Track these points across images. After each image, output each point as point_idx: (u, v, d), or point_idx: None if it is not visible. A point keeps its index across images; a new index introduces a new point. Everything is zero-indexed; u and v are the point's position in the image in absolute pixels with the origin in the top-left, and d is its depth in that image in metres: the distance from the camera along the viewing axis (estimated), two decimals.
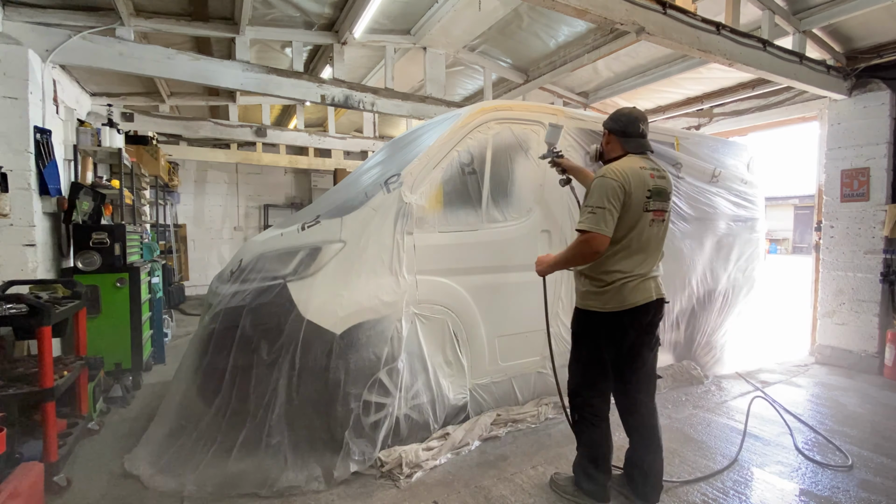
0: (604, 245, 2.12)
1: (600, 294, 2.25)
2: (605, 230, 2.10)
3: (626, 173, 2.17)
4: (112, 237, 3.93)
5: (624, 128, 2.33)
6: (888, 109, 4.54)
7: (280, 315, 2.59)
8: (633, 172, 2.19)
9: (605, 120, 2.44)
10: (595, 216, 2.11)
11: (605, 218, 2.10)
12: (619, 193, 2.12)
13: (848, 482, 2.64)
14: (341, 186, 3.92)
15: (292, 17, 4.68)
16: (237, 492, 2.43)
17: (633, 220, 2.19)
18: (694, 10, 3.55)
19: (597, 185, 2.17)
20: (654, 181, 2.24)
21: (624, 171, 2.18)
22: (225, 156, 8.63)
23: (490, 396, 3.32)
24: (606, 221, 2.10)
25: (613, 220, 2.12)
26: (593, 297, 2.28)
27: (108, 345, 3.81)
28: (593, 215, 2.11)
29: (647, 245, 2.26)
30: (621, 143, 2.33)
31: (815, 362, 5.01)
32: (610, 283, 2.22)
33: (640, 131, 2.33)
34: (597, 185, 2.18)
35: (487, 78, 6.00)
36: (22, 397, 2.42)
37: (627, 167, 2.20)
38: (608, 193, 2.12)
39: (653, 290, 2.28)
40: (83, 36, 3.65)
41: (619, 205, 2.13)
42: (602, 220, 2.10)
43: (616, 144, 2.36)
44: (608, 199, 2.11)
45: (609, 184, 2.14)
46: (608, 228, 2.11)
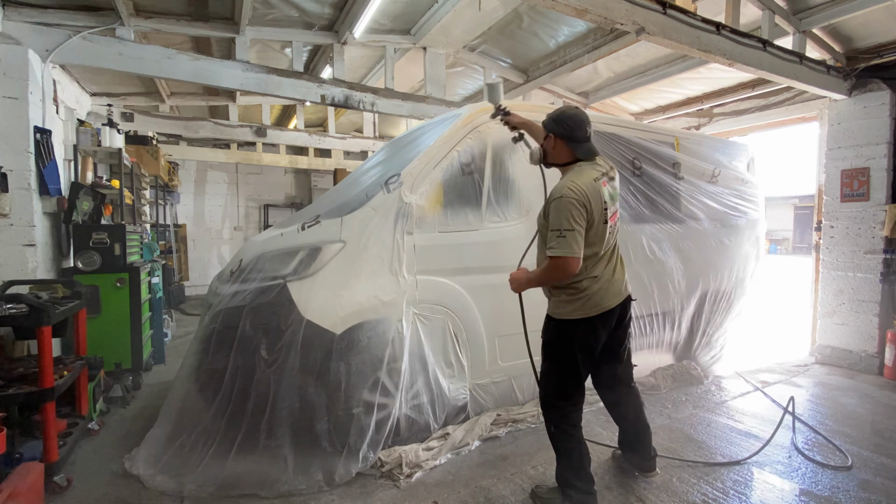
0: (577, 266, 2.10)
1: (574, 301, 2.23)
2: (576, 252, 2.08)
3: (585, 191, 2.11)
4: (112, 237, 3.93)
5: (571, 133, 2.24)
6: (888, 109, 4.54)
7: (280, 315, 2.59)
8: (590, 187, 2.13)
9: (547, 121, 2.33)
10: (565, 240, 2.07)
11: (576, 239, 2.07)
12: (583, 212, 2.10)
13: (848, 482, 2.63)
14: (341, 186, 3.92)
15: (292, 17, 4.68)
16: (237, 492, 2.43)
17: (598, 233, 2.19)
18: (694, 10, 3.55)
19: (560, 207, 2.10)
20: (607, 189, 2.21)
21: (582, 188, 2.12)
22: (225, 156, 8.63)
23: (490, 396, 3.32)
24: (577, 242, 2.08)
25: (582, 238, 2.10)
26: (566, 304, 2.25)
27: (108, 345, 3.81)
28: (563, 239, 2.07)
29: (610, 249, 2.30)
30: (571, 148, 2.26)
31: (815, 362, 5.01)
32: (583, 290, 2.21)
33: (588, 135, 2.26)
34: (559, 206, 2.11)
35: (487, 78, 6.00)
36: (22, 397, 2.42)
37: (584, 183, 2.14)
38: (573, 214, 2.07)
39: (622, 291, 2.33)
40: (83, 36, 3.65)
41: (584, 222, 2.11)
42: (573, 241, 2.07)
43: (564, 150, 2.28)
44: (574, 220, 2.07)
45: (571, 205, 2.08)
46: (579, 249, 2.09)
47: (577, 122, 2.24)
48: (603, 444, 2.96)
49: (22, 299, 2.53)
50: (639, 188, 3.97)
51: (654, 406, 3.66)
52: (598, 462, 2.80)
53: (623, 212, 3.89)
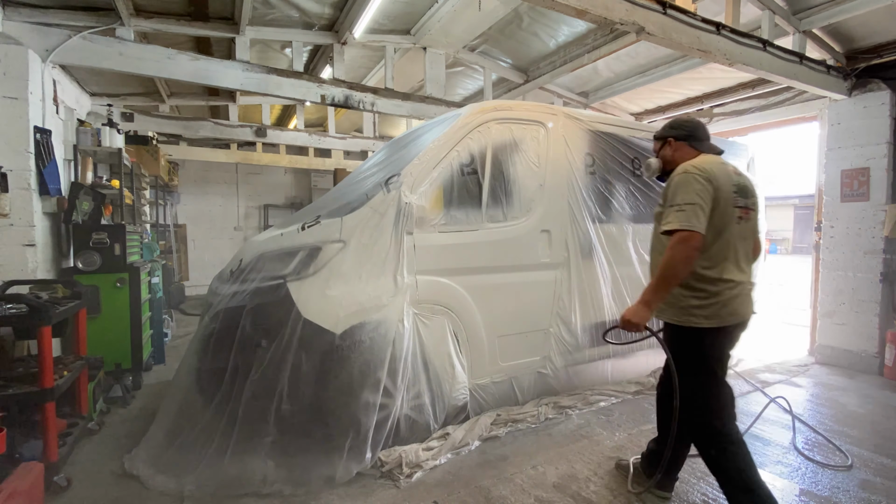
0: (700, 243, 1.92)
1: (706, 307, 2.01)
2: (697, 226, 1.91)
3: (711, 167, 2.01)
4: (112, 237, 3.93)
5: (692, 132, 2.24)
6: (888, 109, 4.54)
7: (280, 315, 2.59)
8: (717, 167, 2.04)
9: (662, 131, 2.32)
10: (685, 213, 1.92)
11: (697, 213, 1.92)
12: (708, 187, 1.95)
13: (848, 482, 2.63)
14: (341, 186, 3.92)
15: (292, 17, 4.68)
16: (237, 492, 2.43)
17: (726, 219, 2.02)
18: (694, 10, 3.55)
19: (681, 182, 2.00)
20: (737, 177, 2.09)
21: (706, 166, 2.02)
22: (225, 156, 8.63)
23: (490, 396, 3.32)
24: (698, 217, 1.92)
25: (705, 216, 1.94)
26: (696, 310, 2.02)
27: (108, 345, 3.81)
28: (682, 212, 1.92)
29: (740, 245, 2.09)
30: (694, 146, 2.22)
31: (815, 362, 5.01)
32: (715, 294, 2.01)
33: (708, 135, 2.26)
34: (680, 181, 2.00)
35: (487, 78, 6.00)
36: (22, 397, 2.42)
37: (709, 161, 2.06)
38: (696, 189, 1.94)
39: (752, 304, 2.13)
40: (83, 36, 3.65)
41: (710, 200, 1.96)
42: (693, 215, 1.91)
43: (686, 150, 2.23)
44: (697, 194, 1.93)
45: (695, 178, 1.97)
46: (700, 225, 1.92)
47: (695, 124, 2.25)
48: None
49: (22, 299, 2.53)
50: (639, 188, 3.97)
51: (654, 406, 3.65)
52: (597, 463, 2.80)
53: (624, 212, 3.90)
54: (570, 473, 2.68)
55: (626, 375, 4.04)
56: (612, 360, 3.94)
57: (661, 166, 2.32)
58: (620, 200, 3.88)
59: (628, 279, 3.84)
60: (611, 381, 3.94)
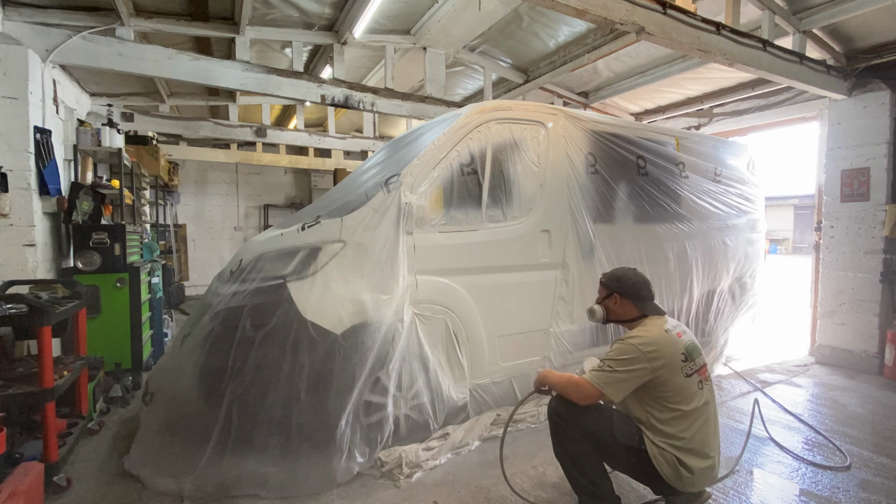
0: (594, 400, 2.05)
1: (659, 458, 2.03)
2: (605, 391, 2.00)
3: (655, 341, 2.04)
4: (112, 237, 3.93)
5: (637, 291, 2.25)
6: (888, 109, 4.54)
7: (280, 315, 2.59)
8: (662, 339, 2.06)
9: (609, 281, 2.34)
10: (604, 374, 2.02)
11: (618, 387, 2.00)
12: (643, 369, 1.99)
13: (848, 482, 2.63)
14: (341, 186, 3.92)
15: (292, 17, 4.68)
16: (237, 492, 2.43)
17: (680, 389, 2.03)
18: (694, 10, 3.55)
19: (622, 347, 2.06)
20: (682, 341, 2.12)
21: (653, 339, 2.05)
22: (225, 156, 8.63)
23: (490, 396, 3.31)
24: (614, 387, 2.00)
25: (623, 388, 2.01)
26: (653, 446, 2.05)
27: (108, 345, 3.82)
28: (604, 373, 2.02)
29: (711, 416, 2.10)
30: (637, 306, 2.24)
31: (815, 362, 5.01)
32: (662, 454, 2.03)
33: (652, 293, 2.28)
34: (622, 346, 2.07)
35: (487, 78, 6.00)
36: (22, 397, 2.42)
37: (656, 334, 2.08)
38: (629, 362, 2.00)
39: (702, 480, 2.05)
40: (83, 36, 3.65)
41: (638, 379, 2.01)
42: (612, 382, 2.00)
43: (629, 308, 2.26)
44: (626, 367, 2.00)
45: (632, 352, 2.01)
46: (611, 393, 2.00)
47: (639, 281, 2.27)
48: None
49: (22, 299, 2.53)
50: (640, 188, 3.97)
51: None
52: None
53: (624, 212, 3.90)
54: None
55: None
56: None
57: (605, 314, 2.34)
58: (621, 201, 3.88)
59: None
60: None
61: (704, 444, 2.05)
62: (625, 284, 2.28)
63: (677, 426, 2.01)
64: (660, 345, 2.04)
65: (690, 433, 2.02)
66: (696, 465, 2.00)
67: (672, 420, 2.02)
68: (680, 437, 2.01)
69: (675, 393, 2.02)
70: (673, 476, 2.00)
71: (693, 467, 1.99)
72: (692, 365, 2.08)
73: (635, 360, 2.01)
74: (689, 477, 2.00)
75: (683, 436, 2.01)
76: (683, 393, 2.03)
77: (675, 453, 1.99)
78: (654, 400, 2.05)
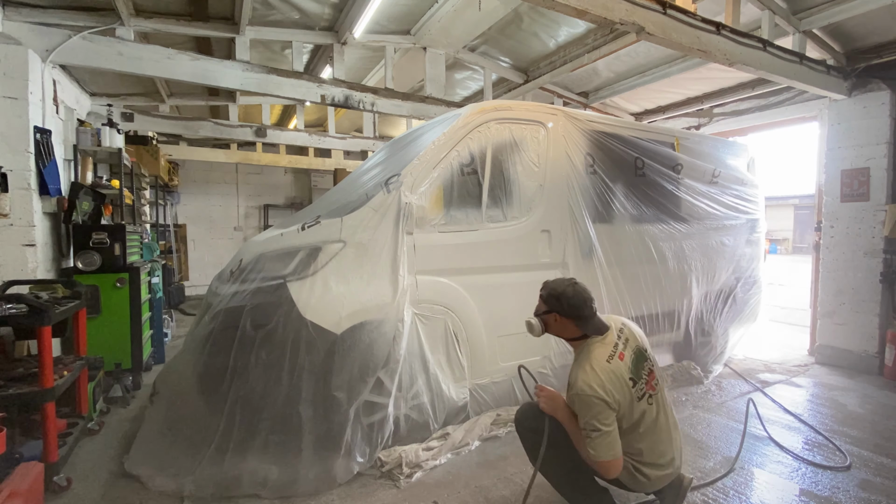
0: (620, 465, 1.96)
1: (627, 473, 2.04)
2: (617, 453, 1.94)
3: (603, 382, 1.94)
4: (112, 237, 3.93)
5: (578, 311, 2.09)
6: (888, 109, 4.54)
7: (280, 315, 2.59)
8: (607, 374, 1.96)
9: (547, 297, 2.18)
10: (600, 443, 1.92)
11: (609, 440, 1.93)
12: (609, 412, 1.94)
13: (848, 482, 2.63)
14: (341, 186, 3.92)
15: (292, 17, 4.68)
16: (237, 492, 2.43)
17: (634, 415, 2.01)
18: (694, 10, 3.55)
19: (583, 404, 1.95)
20: (625, 363, 2.03)
21: (600, 380, 1.95)
22: (225, 156, 8.63)
23: (490, 396, 3.31)
24: (612, 443, 1.93)
25: (617, 436, 1.96)
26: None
27: (108, 345, 3.81)
28: (598, 441, 1.93)
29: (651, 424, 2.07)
30: (578, 325, 2.12)
31: (815, 362, 5.01)
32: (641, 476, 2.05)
33: (594, 311, 2.12)
34: (582, 402, 1.96)
35: (487, 78, 6.00)
36: (22, 397, 2.42)
37: (599, 371, 1.96)
38: (599, 415, 1.93)
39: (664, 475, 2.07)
40: (83, 36, 3.65)
41: (614, 420, 1.95)
42: (611, 443, 1.93)
43: (571, 327, 2.13)
44: (602, 423, 1.92)
45: (594, 404, 1.93)
46: (619, 448, 1.95)
47: (581, 300, 2.10)
48: None
49: (22, 299, 2.53)
50: (640, 188, 3.97)
51: None
52: None
53: (624, 212, 3.90)
54: None
55: None
56: None
57: (543, 328, 2.22)
58: (621, 200, 3.88)
59: (628, 279, 3.84)
60: None
61: (660, 454, 2.07)
62: (564, 303, 2.11)
63: (631, 445, 2.02)
64: (606, 384, 1.95)
65: (645, 446, 2.04)
66: (653, 473, 2.05)
67: (626, 441, 2.00)
68: (635, 453, 2.03)
69: (628, 417, 2.00)
70: (630, 482, 2.06)
71: (649, 475, 2.05)
72: (640, 384, 2.04)
73: (607, 409, 1.93)
74: (646, 482, 2.05)
75: (638, 450, 2.03)
76: (636, 415, 2.01)
77: (631, 464, 2.03)
78: None
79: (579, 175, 3.65)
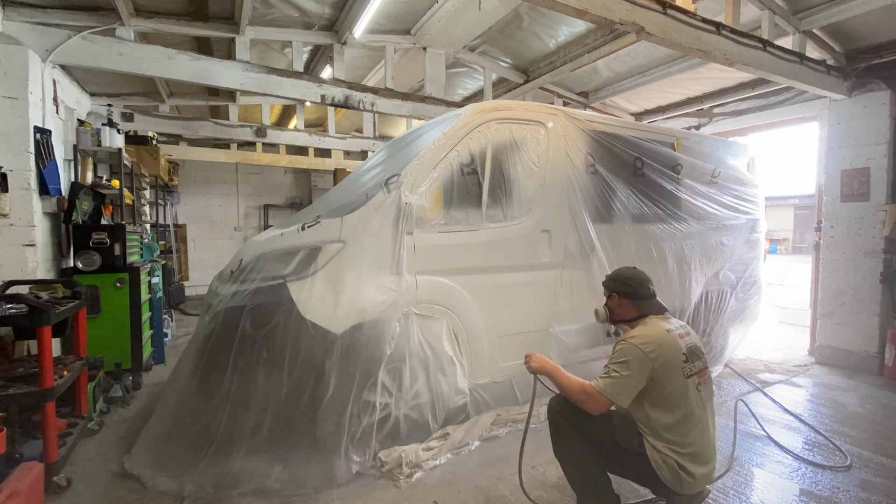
0: (601, 409, 2.01)
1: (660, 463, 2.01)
2: (615, 399, 1.98)
3: (656, 340, 2.03)
4: (112, 237, 3.93)
5: (635, 291, 2.24)
6: (888, 109, 4.54)
7: (280, 315, 2.59)
8: (663, 338, 2.05)
9: (608, 281, 2.35)
10: (612, 381, 1.99)
11: (622, 387, 1.98)
12: (644, 368, 1.98)
13: (848, 482, 2.63)
14: (341, 187, 3.92)
15: (292, 17, 4.68)
16: (237, 492, 2.43)
17: (678, 391, 2.01)
18: (694, 10, 3.55)
19: (623, 349, 2.05)
20: (684, 341, 2.10)
21: (652, 339, 2.03)
22: (225, 156, 8.63)
23: (490, 396, 3.31)
24: (623, 394, 1.98)
25: (631, 391, 1.99)
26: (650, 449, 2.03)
27: (108, 345, 3.82)
28: (611, 379, 2.00)
29: (707, 419, 2.08)
30: (635, 305, 2.23)
31: (815, 362, 5.01)
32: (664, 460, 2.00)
33: (652, 292, 2.26)
34: (623, 347, 2.05)
35: (487, 78, 6.00)
36: (22, 397, 2.42)
37: (655, 333, 2.07)
38: (631, 364, 1.98)
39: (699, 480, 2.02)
40: (83, 36, 3.65)
41: (642, 379, 1.99)
42: (621, 390, 1.98)
43: (629, 308, 2.25)
44: (629, 370, 1.98)
45: (634, 353, 2.00)
46: (621, 399, 1.99)
47: (638, 281, 2.26)
48: None
49: (22, 299, 2.53)
50: (639, 188, 3.97)
51: None
52: None
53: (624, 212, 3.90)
54: None
55: None
56: None
57: (608, 315, 2.35)
58: (621, 200, 3.88)
59: None
60: None
61: (704, 449, 2.04)
62: (622, 284, 2.28)
63: (678, 432, 2.00)
64: (659, 343, 2.03)
65: (691, 439, 2.01)
66: (697, 470, 2.00)
67: (673, 426, 2.00)
68: (681, 443, 2.00)
69: (674, 395, 2.01)
70: (673, 480, 2.00)
71: (694, 473, 1.99)
72: (692, 366, 2.07)
73: (637, 361, 1.99)
74: (690, 481, 1.99)
75: (684, 441, 2.00)
76: (683, 395, 2.01)
77: (676, 458, 1.98)
78: (654, 403, 2.03)
79: (579, 175, 3.65)
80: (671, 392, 2.00)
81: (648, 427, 2.04)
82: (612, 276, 2.37)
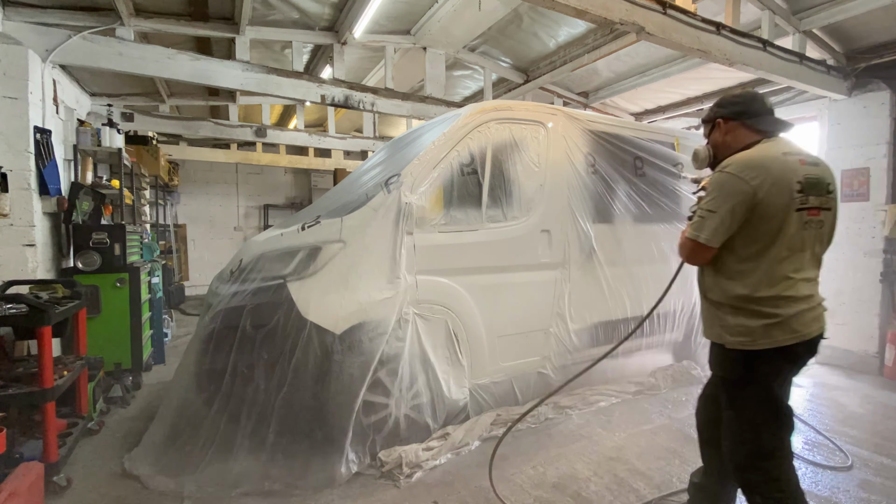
0: (703, 257, 1.74)
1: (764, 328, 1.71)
2: (708, 240, 1.69)
3: (760, 163, 1.65)
4: (112, 237, 3.93)
5: (746, 107, 1.81)
6: (888, 109, 4.54)
7: (280, 315, 2.59)
8: (772, 160, 1.67)
9: (710, 111, 1.92)
10: (701, 221, 1.71)
11: (714, 226, 1.68)
12: (739, 197, 1.64)
13: (848, 482, 2.63)
14: (341, 187, 3.92)
15: (292, 17, 4.69)
16: (237, 491, 2.43)
17: (784, 229, 1.67)
18: (694, 10, 3.55)
19: (713, 183, 1.72)
20: (804, 169, 1.69)
21: (755, 160, 1.66)
22: (225, 156, 8.63)
23: (490, 396, 3.31)
24: (714, 230, 1.68)
25: (722, 227, 1.68)
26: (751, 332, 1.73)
27: (108, 345, 3.81)
28: (699, 220, 1.72)
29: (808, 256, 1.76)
30: (750, 125, 1.79)
31: (814, 362, 5.00)
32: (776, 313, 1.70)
33: (769, 107, 1.84)
34: (714, 181, 1.72)
35: (487, 78, 6.00)
36: (22, 397, 2.42)
37: (759, 156, 1.68)
38: (722, 194, 1.66)
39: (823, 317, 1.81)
40: (83, 36, 3.65)
41: (744, 210, 1.65)
42: (710, 226, 1.68)
43: (742, 131, 1.81)
44: (720, 202, 1.67)
45: (729, 182, 1.66)
46: (713, 238, 1.69)
47: (750, 96, 1.86)
48: None
49: (22, 299, 2.53)
50: (640, 188, 3.97)
51: (654, 406, 3.66)
52: (597, 463, 2.80)
53: (624, 212, 3.89)
54: (570, 473, 2.68)
55: (625, 376, 4.04)
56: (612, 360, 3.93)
57: (713, 154, 1.91)
58: (621, 200, 3.88)
59: (629, 279, 3.84)
60: (611, 382, 3.94)
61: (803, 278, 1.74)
62: (727, 104, 1.85)
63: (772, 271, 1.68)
64: (763, 166, 1.64)
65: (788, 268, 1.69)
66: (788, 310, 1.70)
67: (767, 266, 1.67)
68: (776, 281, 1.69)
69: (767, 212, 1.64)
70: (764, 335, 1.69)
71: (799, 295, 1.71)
72: (807, 198, 1.67)
73: (731, 189, 1.65)
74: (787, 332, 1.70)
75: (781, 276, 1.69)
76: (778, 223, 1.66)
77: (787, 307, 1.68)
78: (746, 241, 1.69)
79: (579, 175, 3.65)
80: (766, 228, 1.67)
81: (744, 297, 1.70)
82: (715, 102, 1.94)
